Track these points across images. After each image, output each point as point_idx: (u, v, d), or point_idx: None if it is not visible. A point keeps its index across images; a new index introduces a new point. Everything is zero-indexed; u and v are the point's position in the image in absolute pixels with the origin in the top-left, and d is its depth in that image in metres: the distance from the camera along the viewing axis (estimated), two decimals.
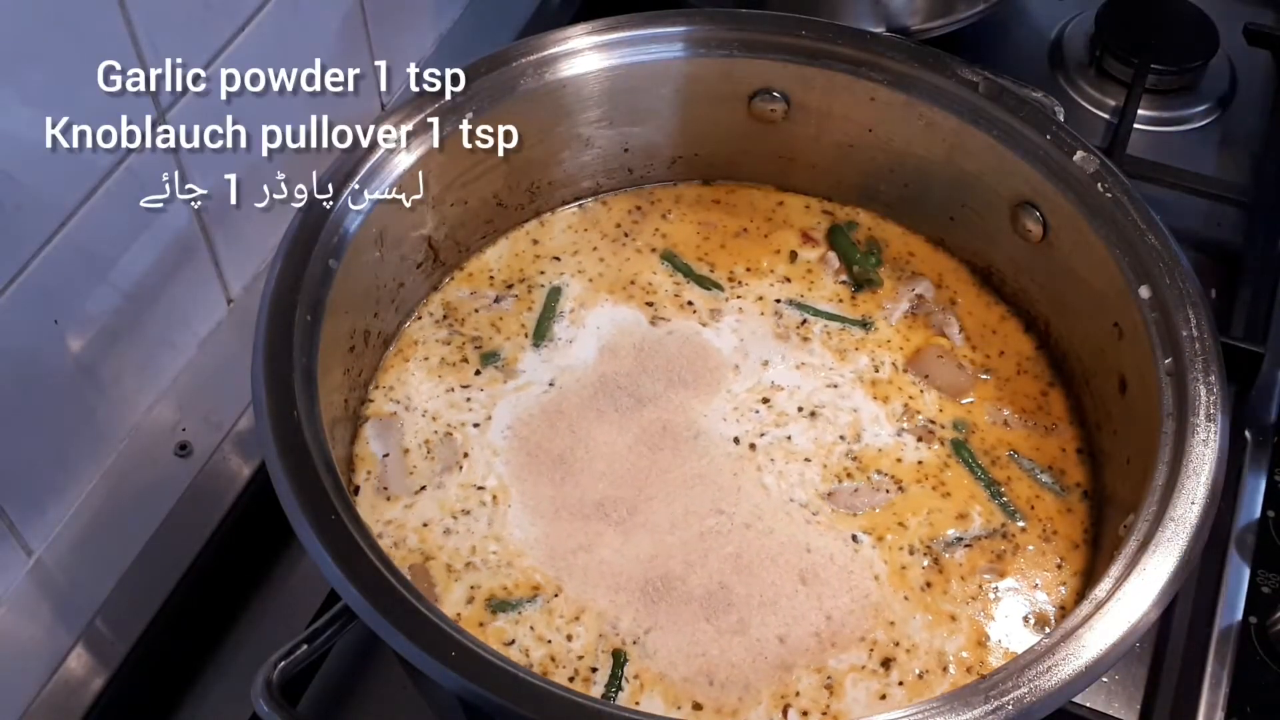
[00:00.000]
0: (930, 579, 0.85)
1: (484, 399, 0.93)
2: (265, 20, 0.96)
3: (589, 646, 0.81)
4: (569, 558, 0.85)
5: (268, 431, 0.75)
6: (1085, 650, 0.70)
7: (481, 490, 0.88)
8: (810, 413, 0.93)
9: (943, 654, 0.82)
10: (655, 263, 1.02)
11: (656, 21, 0.98)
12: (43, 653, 0.88)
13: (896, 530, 0.87)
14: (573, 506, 0.87)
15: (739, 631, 0.81)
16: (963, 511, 0.88)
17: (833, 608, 0.83)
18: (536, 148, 0.99)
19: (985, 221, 0.99)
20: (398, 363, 0.95)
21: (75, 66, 0.81)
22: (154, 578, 0.91)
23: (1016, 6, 1.37)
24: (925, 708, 0.68)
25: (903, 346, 0.97)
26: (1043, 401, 0.95)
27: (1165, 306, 0.84)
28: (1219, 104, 1.29)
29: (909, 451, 0.91)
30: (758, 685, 0.80)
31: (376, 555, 0.72)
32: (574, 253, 1.02)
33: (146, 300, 0.95)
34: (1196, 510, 0.75)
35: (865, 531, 0.87)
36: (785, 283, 1.01)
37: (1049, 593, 0.85)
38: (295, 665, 0.74)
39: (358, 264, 0.88)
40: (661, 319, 0.98)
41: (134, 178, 0.89)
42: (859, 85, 0.97)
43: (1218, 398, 0.80)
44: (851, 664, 0.81)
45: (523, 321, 0.98)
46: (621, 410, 0.92)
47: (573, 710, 0.67)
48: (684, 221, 1.05)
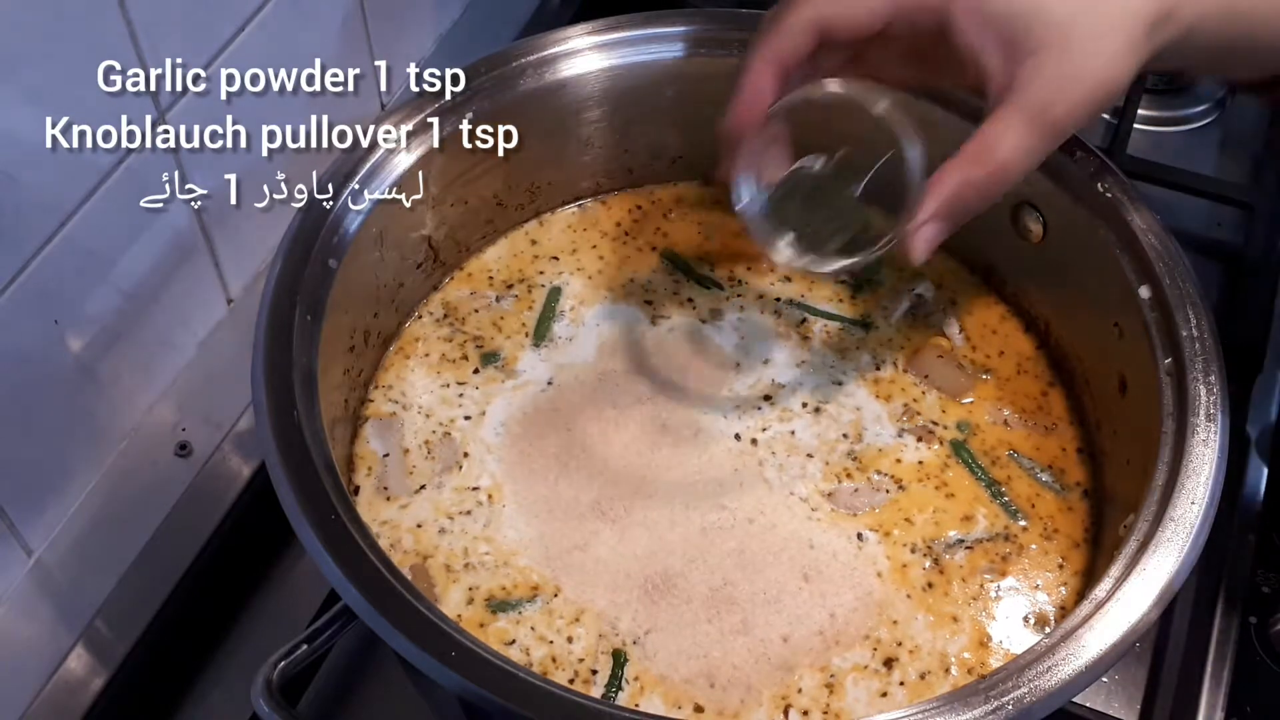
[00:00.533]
0: (932, 579, 0.85)
1: (479, 396, 0.93)
2: (265, 20, 0.96)
3: (589, 648, 0.81)
4: (565, 557, 0.85)
5: (268, 431, 0.75)
6: (1085, 650, 0.70)
7: (476, 491, 0.88)
8: (815, 409, 0.93)
9: (945, 655, 0.82)
10: (655, 261, 1.02)
11: (656, 21, 0.98)
12: (43, 653, 0.88)
13: (902, 526, 0.87)
14: (567, 505, 0.87)
15: (742, 632, 0.81)
16: (966, 513, 0.88)
17: (836, 605, 0.83)
18: (536, 148, 0.99)
19: (985, 221, 0.98)
20: (398, 362, 0.95)
21: (75, 66, 0.81)
22: (154, 578, 0.91)
23: None
24: (925, 708, 0.68)
25: (904, 346, 0.97)
26: (1043, 401, 0.95)
27: (1165, 306, 0.84)
28: (1219, 104, 1.29)
29: (909, 452, 0.91)
30: (759, 687, 0.80)
31: (376, 555, 0.72)
32: (573, 252, 1.03)
33: (146, 300, 0.95)
34: (1196, 510, 0.75)
35: (869, 529, 0.87)
36: (785, 282, 1.01)
37: (1049, 593, 0.85)
38: (295, 665, 0.74)
39: (358, 264, 0.88)
40: (661, 317, 0.98)
41: (134, 178, 0.89)
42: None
43: (1218, 398, 0.80)
44: (855, 663, 0.81)
45: (523, 321, 0.98)
46: (620, 408, 0.92)
47: (573, 710, 0.67)
48: (684, 221, 1.05)
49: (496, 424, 0.91)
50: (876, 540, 0.86)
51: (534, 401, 0.93)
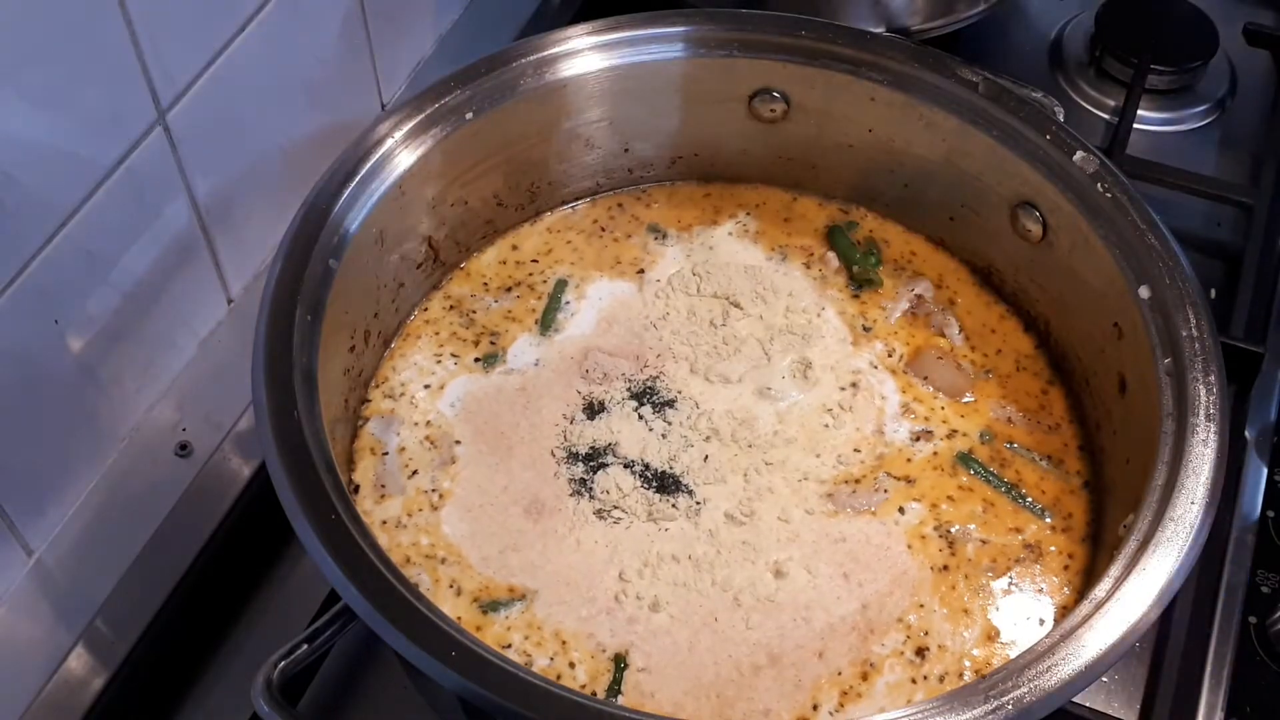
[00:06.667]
0: (948, 566, 0.85)
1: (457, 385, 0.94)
2: (265, 20, 0.96)
3: (584, 657, 0.81)
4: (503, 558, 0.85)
5: (268, 431, 0.75)
6: (1085, 650, 0.70)
7: (431, 493, 0.88)
8: (805, 373, 0.94)
9: (960, 655, 0.82)
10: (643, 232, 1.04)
11: (656, 21, 0.98)
12: (43, 653, 0.88)
13: (902, 519, 0.87)
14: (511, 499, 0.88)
15: (729, 636, 0.82)
16: (969, 513, 0.88)
17: (823, 609, 0.83)
18: (536, 148, 0.99)
19: (985, 221, 0.99)
20: (398, 361, 0.95)
21: (75, 66, 0.81)
22: (154, 578, 0.91)
23: (1016, 6, 1.37)
24: (925, 708, 0.68)
25: (909, 342, 0.97)
26: (1043, 400, 0.95)
27: (1165, 306, 0.84)
28: (1219, 104, 1.29)
29: (916, 451, 0.91)
30: (754, 696, 0.80)
31: (376, 555, 0.72)
32: (573, 249, 1.02)
33: (147, 300, 0.95)
34: (1196, 510, 0.75)
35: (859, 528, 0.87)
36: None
37: (1053, 594, 0.85)
38: (295, 665, 0.74)
39: (358, 264, 0.88)
40: (658, 297, 0.99)
41: (134, 178, 0.89)
42: (859, 85, 0.97)
43: (1217, 398, 0.80)
44: (892, 648, 0.81)
45: (526, 314, 0.98)
46: (591, 383, 0.94)
47: (573, 710, 0.67)
48: (672, 205, 1.06)
49: (453, 401, 0.93)
50: (879, 531, 0.86)
51: (496, 384, 0.93)
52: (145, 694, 0.90)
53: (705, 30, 0.98)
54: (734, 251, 1.02)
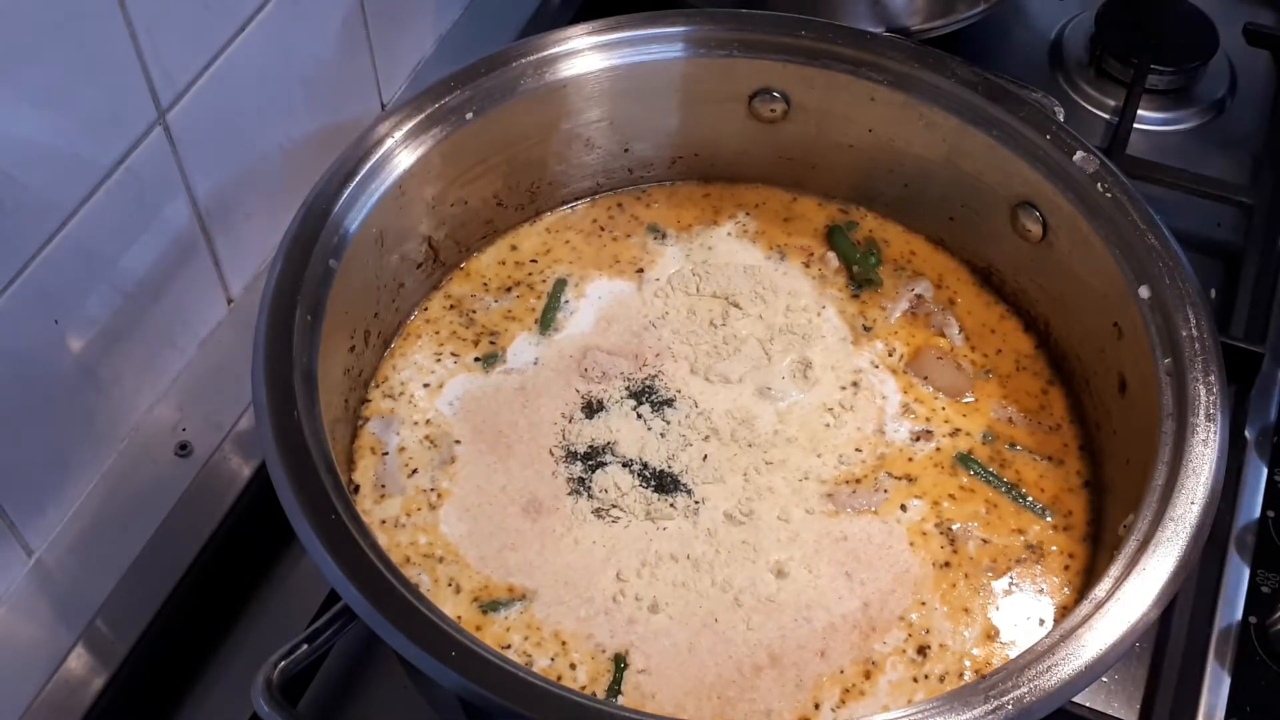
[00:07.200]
0: (949, 563, 0.85)
1: (456, 385, 0.94)
2: (265, 20, 0.96)
3: (584, 657, 0.81)
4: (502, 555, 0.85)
5: (268, 431, 0.75)
6: (1085, 650, 0.70)
7: (430, 493, 0.88)
8: (805, 373, 0.94)
9: (960, 654, 0.82)
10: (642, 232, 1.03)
11: (656, 21, 0.98)
12: (43, 653, 0.88)
13: (903, 517, 0.87)
14: (509, 497, 0.88)
15: (727, 638, 0.82)
16: (971, 512, 0.88)
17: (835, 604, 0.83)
18: (536, 148, 0.99)
19: (985, 221, 0.99)
20: (398, 361, 0.95)
21: (75, 66, 0.81)
22: (154, 578, 0.91)
23: (1016, 6, 1.37)
24: (926, 707, 0.68)
25: (909, 342, 0.97)
26: (1044, 400, 0.95)
27: (1165, 306, 0.84)
28: (1219, 104, 1.29)
29: (917, 450, 0.91)
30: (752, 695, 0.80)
31: (376, 555, 0.72)
32: (572, 249, 1.03)
33: (146, 300, 0.95)
34: (1196, 510, 0.75)
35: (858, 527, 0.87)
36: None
37: (1053, 593, 0.85)
38: (295, 665, 0.74)
39: (358, 264, 0.88)
40: (657, 296, 0.99)
41: (134, 178, 0.89)
42: (859, 85, 0.97)
43: (1217, 398, 0.80)
44: (895, 647, 0.81)
45: (525, 314, 0.98)
46: (590, 382, 0.93)
47: (573, 711, 0.67)
48: (672, 205, 1.06)
49: (452, 399, 0.93)
50: (881, 529, 0.86)
51: (495, 384, 0.93)
52: (145, 694, 0.90)
53: (705, 30, 0.98)
54: (734, 251, 1.02)
